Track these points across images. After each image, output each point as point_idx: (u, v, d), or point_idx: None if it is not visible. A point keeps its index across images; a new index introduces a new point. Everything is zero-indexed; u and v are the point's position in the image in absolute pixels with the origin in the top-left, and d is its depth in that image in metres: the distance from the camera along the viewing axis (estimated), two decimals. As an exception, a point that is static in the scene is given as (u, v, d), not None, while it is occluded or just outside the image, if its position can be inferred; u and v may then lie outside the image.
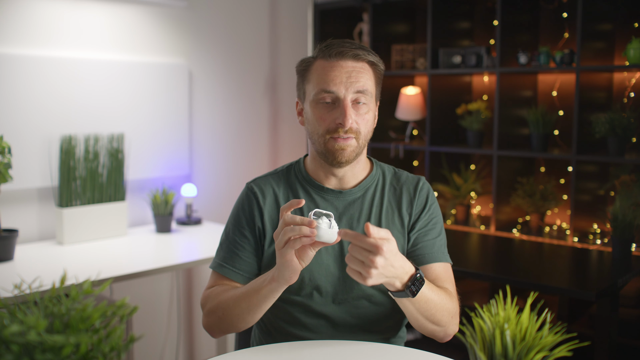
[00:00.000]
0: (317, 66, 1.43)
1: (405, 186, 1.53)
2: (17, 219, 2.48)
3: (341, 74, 1.40)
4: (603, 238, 2.82)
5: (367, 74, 1.42)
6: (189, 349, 3.11)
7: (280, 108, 3.50)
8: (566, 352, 0.98)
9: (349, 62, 1.41)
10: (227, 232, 1.52)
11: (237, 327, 1.41)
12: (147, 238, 2.65)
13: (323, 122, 1.41)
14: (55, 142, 2.53)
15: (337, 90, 1.39)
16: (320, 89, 1.40)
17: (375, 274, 1.18)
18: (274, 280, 1.29)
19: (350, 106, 1.39)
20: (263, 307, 1.35)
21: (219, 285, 1.47)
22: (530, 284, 2.26)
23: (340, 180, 1.49)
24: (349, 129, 1.39)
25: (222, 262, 1.48)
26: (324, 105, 1.41)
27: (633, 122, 2.67)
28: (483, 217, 3.33)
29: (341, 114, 1.39)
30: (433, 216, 1.51)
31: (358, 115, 1.41)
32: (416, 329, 1.40)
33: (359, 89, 1.40)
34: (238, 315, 1.38)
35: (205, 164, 3.15)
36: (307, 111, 1.45)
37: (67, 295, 0.91)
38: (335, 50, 1.41)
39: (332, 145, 1.41)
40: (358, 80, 1.40)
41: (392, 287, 1.26)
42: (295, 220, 1.21)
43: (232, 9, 3.22)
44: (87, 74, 2.61)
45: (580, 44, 2.72)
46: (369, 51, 1.44)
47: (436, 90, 3.24)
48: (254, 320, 1.39)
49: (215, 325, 1.44)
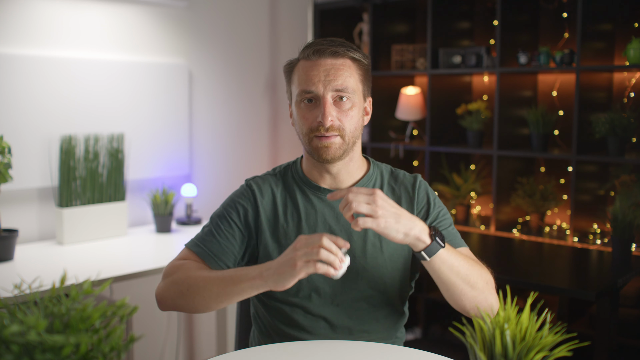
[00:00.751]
0: (299, 67, 1.44)
1: (403, 186, 1.52)
2: (17, 219, 2.48)
3: (319, 72, 1.40)
4: (603, 238, 2.82)
5: (348, 70, 1.42)
6: (189, 349, 3.11)
7: (280, 108, 3.50)
8: (566, 352, 0.98)
9: (327, 60, 1.41)
10: (212, 217, 1.50)
11: (195, 308, 1.34)
12: (147, 238, 2.65)
13: (306, 121, 1.42)
14: (55, 142, 2.53)
15: (316, 89, 1.40)
16: (301, 89, 1.42)
17: (382, 213, 1.23)
18: (262, 279, 1.24)
19: (329, 104, 1.40)
20: (234, 299, 1.30)
21: (192, 261, 1.43)
22: (530, 284, 2.26)
23: (335, 178, 1.48)
24: (330, 126, 1.39)
25: (199, 242, 1.46)
26: (306, 105, 1.42)
27: (633, 122, 2.66)
28: (483, 217, 3.33)
29: (321, 112, 1.39)
30: (440, 209, 1.51)
31: (341, 112, 1.41)
32: (458, 304, 1.36)
33: (337, 87, 1.40)
34: (204, 298, 1.31)
35: (205, 164, 3.15)
36: (293, 111, 1.47)
37: (67, 295, 0.91)
38: (313, 49, 1.42)
39: (316, 143, 1.41)
40: (336, 78, 1.40)
41: (419, 241, 1.27)
42: (332, 249, 1.20)
43: (232, 9, 3.22)
44: (87, 74, 2.61)
45: (580, 44, 2.72)
46: (350, 47, 1.43)
47: (436, 90, 3.24)
48: (216, 307, 1.33)
49: (171, 298, 1.36)
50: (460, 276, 1.32)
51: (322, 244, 1.19)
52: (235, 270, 1.32)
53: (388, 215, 1.24)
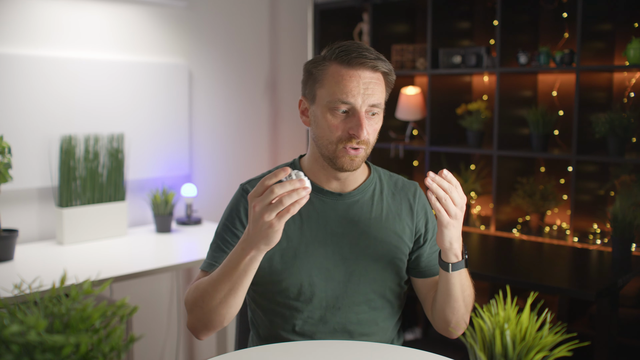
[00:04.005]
0: (334, 71, 1.38)
1: (404, 192, 1.54)
2: (17, 219, 2.48)
3: (359, 85, 1.36)
4: (603, 238, 2.82)
5: (381, 85, 1.40)
6: (189, 349, 3.11)
7: (280, 108, 3.50)
8: (566, 352, 0.98)
9: (367, 72, 1.37)
10: (217, 232, 1.48)
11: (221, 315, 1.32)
12: (147, 238, 2.65)
13: (336, 130, 1.38)
14: (55, 142, 2.53)
15: (355, 102, 1.37)
16: (337, 97, 1.37)
17: (460, 219, 1.32)
18: (253, 248, 1.23)
19: (364, 118, 1.38)
20: (245, 282, 1.28)
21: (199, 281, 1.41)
22: (530, 284, 2.26)
23: (342, 183, 1.48)
24: (361, 140, 1.38)
25: (210, 261, 1.44)
26: (339, 114, 1.39)
27: (633, 122, 2.66)
28: (483, 217, 3.33)
29: (356, 125, 1.36)
30: (435, 223, 1.54)
31: (370, 127, 1.40)
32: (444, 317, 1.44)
33: (373, 103, 1.38)
34: (220, 300, 1.29)
35: (205, 164, 3.15)
36: (317, 115, 1.42)
37: (67, 295, 0.91)
38: (355, 58, 1.36)
39: (342, 154, 1.39)
40: (374, 94, 1.38)
41: (454, 255, 1.36)
42: (286, 187, 1.18)
43: (232, 9, 3.22)
44: (87, 74, 2.61)
45: (580, 44, 2.71)
46: (385, 60, 1.41)
47: (436, 90, 3.24)
48: (236, 302, 1.31)
49: (198, 319, 1.35)
50: (464, 295, 1.41)
51: (276, 194, 1.18)
52: (223, 264, 1.30)
53: (458, 223, 1.33)
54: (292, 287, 1.43)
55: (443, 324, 1.46)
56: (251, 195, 1.21)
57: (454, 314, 1.42)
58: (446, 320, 1.44)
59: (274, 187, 1.18)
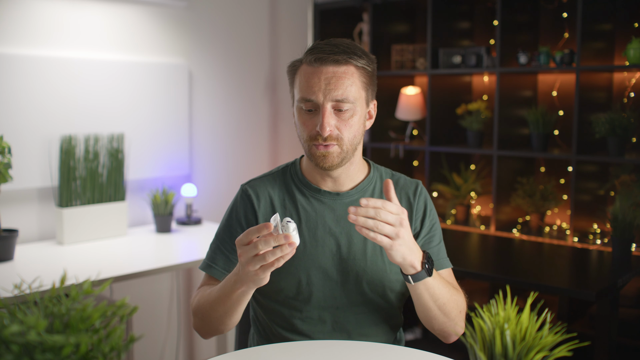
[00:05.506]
0: (301, 71, 1.41)
1: (404, 190, 1.52)
2: (17, 219, 2.48)
3: (320, 81, 1.36)
4: (603, 238, 2.82)
5: (350, 78, 1.37)
6: (189, 349, 3.11)
7: (280, 108, 3.50)
8: (566, 352, 0.98)
9: (329, 67, 1.36)
10: (217, 233, 1.50)
11: (220, 330, 1.41)
12: (147, 238, 2.65)
13: (306, 127, 1.40)
14: (55, 142, 2.53)
15: (316, 99, 1.36)
16: (301, 96, 1.39)
17: (402, 235, 1.22)
18: (242, 286, 1.26)
19: (328, 114, 1.36)
20: (239, 308, 1.34)
21: (204, 287, 1.45)
22: (530, 284, 2.26)
23: (336, 181, 1.47)
24: (328, 136, 1.36)
25: (210, 262, 1.47)
26: (306, 112, 1.40)
27: (633, 122, 2.66)
28: (483, 217, 3.33)
29: (319, 121, 1.37)
30: (433, 222, 1.52)
31: (340, 121, 1.38)
32: (427, 324, 1.42)
33: (337, 98, 1.36)
34: (217, 319, 1.37)
35: (205, 164, 3.15)
36: (294, 115, 1.45)
37: (67, 295, 0.91)
38: (315, 55, 1.37)
39: (314, 151, 1.40)
40: (337, 88, 1.36)
41: (412, 267, 1.28)
42: (269, 244, 1.16)
43: (232, 9, 3.22)
44: (87, 74, 2.61)
45: (580, 44, 2.72)
46: (354, 53, 1.38)
47: (436, 90, 3.24)
48: (235, 321, 1.38)
49: (201, 328, 1.44)
50: (437, 304, 1.36)
51: (259, 251, 1.16)
52: (222, 285, 1.33)
53: (404, 245, 1.24)
54: (290, 287, 1.43)
55: (430, 329, 1.45)
56: (238, 241, 1.21)
57: (433, 322, 1.40)
58: (431, 328, 1.43)
59: (258, 243, 1.17)
